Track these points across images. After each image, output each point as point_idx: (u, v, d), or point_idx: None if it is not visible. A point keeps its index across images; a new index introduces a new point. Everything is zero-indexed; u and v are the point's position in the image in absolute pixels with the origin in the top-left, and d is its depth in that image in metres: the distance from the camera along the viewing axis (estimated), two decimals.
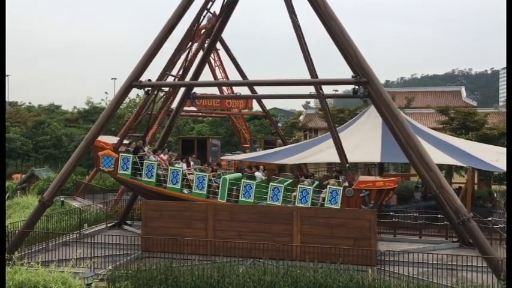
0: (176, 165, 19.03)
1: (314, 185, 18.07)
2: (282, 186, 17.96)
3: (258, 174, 19.15)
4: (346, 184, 17.32)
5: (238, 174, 19.92)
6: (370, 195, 16.76)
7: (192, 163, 20.13)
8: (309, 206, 17.35)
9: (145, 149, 19.90)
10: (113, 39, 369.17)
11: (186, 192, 18.61)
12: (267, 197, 17.97)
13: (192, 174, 18.80)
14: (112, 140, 20.17)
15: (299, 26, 17.80)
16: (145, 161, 18.90)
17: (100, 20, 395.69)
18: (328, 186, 17.51)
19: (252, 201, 17.90)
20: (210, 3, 19.25)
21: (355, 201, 16.88)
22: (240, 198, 18.10)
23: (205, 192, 18.32)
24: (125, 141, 20.29)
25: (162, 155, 19.85)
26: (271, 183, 18.15)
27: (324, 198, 17.43)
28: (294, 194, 17.90)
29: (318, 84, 17.95)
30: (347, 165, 17.77)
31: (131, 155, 19.06)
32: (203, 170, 18.99)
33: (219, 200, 18.09)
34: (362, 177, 18.64)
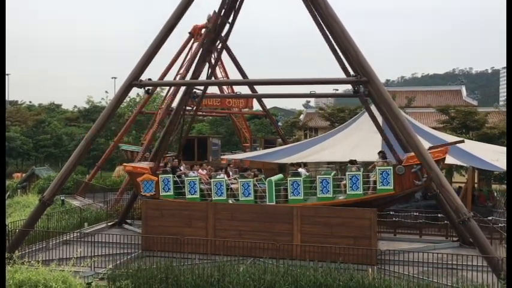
0: (217, 176, 18.77)
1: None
2: (330, 177, 17.46)
3: (302, 170, 18.66)
4: (395, 163, 16.72)
5: (280, 176, 19.63)
6: (422, 169, 16.18)
7: (231, 173, 20.02)
8: (361, 192, 16.89)
9: (181, 168, 19.90)
10: (113, 38, 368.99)
11: (231, 201, 18.28)
12: (317, 191, 17.49)
13: (235, 183, 18.59)
14: (145, 164, 20.01)
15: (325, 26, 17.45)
16: (186, 179, 18.69)
17: (100, 19, 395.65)
18: (377, 167, 16.99)
19: (301, 198, 17.46)
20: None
21: (407, 178, 16.42)
22: (289, 198, 17.68)
23: (252, 198, 17.99)
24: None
25: (200, 170, 19.86)
26: (318, 176, 17.65)
27: (374, 182, 16.90)
28: (343, 182, 17.39)
29: (318, 83, 17.93)
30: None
31: (170, 175, 18.89)
32: (245, 176, 18.60)
33: (268, 203, 17.67)
34: (409, 154, 17.84)
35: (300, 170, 18.63)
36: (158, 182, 18.82)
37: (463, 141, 18.85)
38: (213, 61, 34.52)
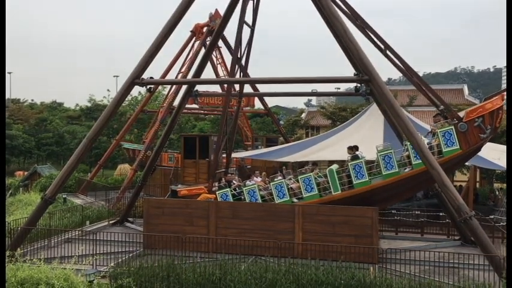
0: (276, 179, 18.49)
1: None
2: (392, 151, 16.76)
3: (359, 153, 17.91)
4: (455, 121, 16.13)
5: (335, 165, 18.86)
6: (485, 121, 15.77)
7: (284, 174, 19.69)
8: (397, 169, 16.42)
9: (234, 182, 19.73)
10: (114, 37, 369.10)
11: (296, 201, 17.93)
12: (381, 169, 16.77)
13: (292, 182, 18.25)
14: (196, 186, 19.82)
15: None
16: (244, 189, 18.47)
17: (101, 17, 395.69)
18: (437, 130, 16.40)
19: (367, 180, 16.93)
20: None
21: (472, 133, 15.91)
22: (354, 182, 17.13)
23: (316, 192, 17.62)
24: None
25: (255, 178, 19.75)
26: (379, 154, 16.88)
27: (438, 145, 16.28)
28: (405, 154, 16.71)
29: (319, 82, 17.94)
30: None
31: (228, 189, 18.73)
32: (303, 172, 18.24)
33: (333, 194, 17.25)
34: (468, 108, 17.27)
35: (357, 153, 17.90)
36: (216, 199, 18.56)
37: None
38: (215, 60, 34.74)
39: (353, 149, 18.21)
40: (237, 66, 20.22)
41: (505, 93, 17.18)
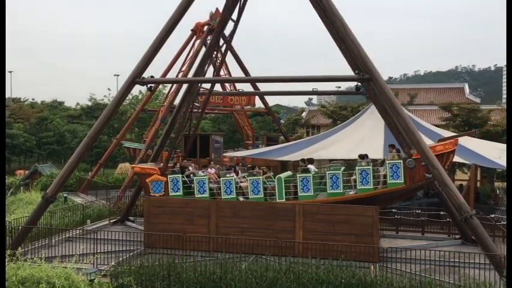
0: (227, 175, 18.72)
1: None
2: (340, 172, 17.21)
3: (311, 167, 18.55)
4: (405, 156, 16.52)
5: (289, 173, 19.58)
6: None
7: (239, 171, 19.91)
8: (372, 187, 16.72)
9: (190, 168, 19.86)
10: (114, 37, 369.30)
11: (242, 199, 18.26)
12: (327, 187, 17.33)
13: (244, 181, 18.51)
14: (153, 165, 19.92)
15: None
16: (195, 178, 18.66)
17: (102, 15, 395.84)
18: (387, 161, 16.81)
19: (312, 194, 17.34)
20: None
21: (418, 171, 16.24)
22: (299, 194, 17.59)
23: (262, 196, 17.91)
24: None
25: (209, 169, 19.85)
26: (327, 172, 17.41)
27: (384, 176, 16.74)
28: (353, 177, 17.25)
29: (320, 81, 17.91)
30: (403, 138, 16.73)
31: (179, 175, 18.88)
32: (255, 174, 18.46)
33: (278, 200, 17.64)
34: None
35: (309, 166, 18.48)
36: (167, 183, 18.78)
37: (475, 134, 18.60)
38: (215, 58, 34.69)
39: (305, 161, 18.98)
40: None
41: (459, 139, 17.74)
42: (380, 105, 17.34)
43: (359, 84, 16.34)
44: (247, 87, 41.12)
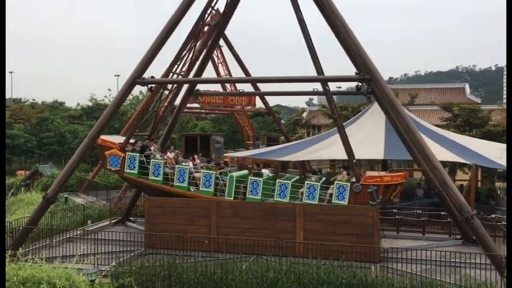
0: (183, 163, 18.94)
1: (321, 181, 17.85)
2: (289, 182, 17.78)
3: (265, 171, 18.99)
4: (354, 180, 16.99)
5: (245, 172, 19.83)
6: (378, 190, 16.46)
7: (198, 161, 20.07)
8: (316, 202, 17.15)
9: (152, 148, 19.87)
10: (115, 36, 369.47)
11: (192, 190, 18.49)
12: (274, 194, 17.82)
13: (198, 172, 18.72)
14: (119, 139, 20.14)
15: (305, 23, 17.65)
16: (151, 160, 18.81)
17: (101, 18, 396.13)
18: (336, 182, 17.21)
19: (259, 198, 17.75)
20: (214, 0, 19.15)
21: (362, 197, 16.58)
22: (247, 196, 17.97)
23: (212, 190, 18.18)
24: (132, 140, 20.27)
25: (168, 154, 19.86)
26: (278, 180, 18.00)
27: (331, 194, 17.18)
28: (301, 190, 17.74)
29: (321, 81, 17.90)
30: (354, 161, 17.41)
31: (138, 154, 18.98)
32: (210, 168, 18.83)
33: (226, 198, 17.95)
34: (369, 173, 18.42)
35: (263, 170, 18.93)
36: (125, 159, 18.88)
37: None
38: (215, 59, 34.71)
39: (260, 165, 19.64)
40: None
41: (407, 173, 18.30)
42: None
43: (359, 84, 16.34)
44: (247, 87, 41.12)
